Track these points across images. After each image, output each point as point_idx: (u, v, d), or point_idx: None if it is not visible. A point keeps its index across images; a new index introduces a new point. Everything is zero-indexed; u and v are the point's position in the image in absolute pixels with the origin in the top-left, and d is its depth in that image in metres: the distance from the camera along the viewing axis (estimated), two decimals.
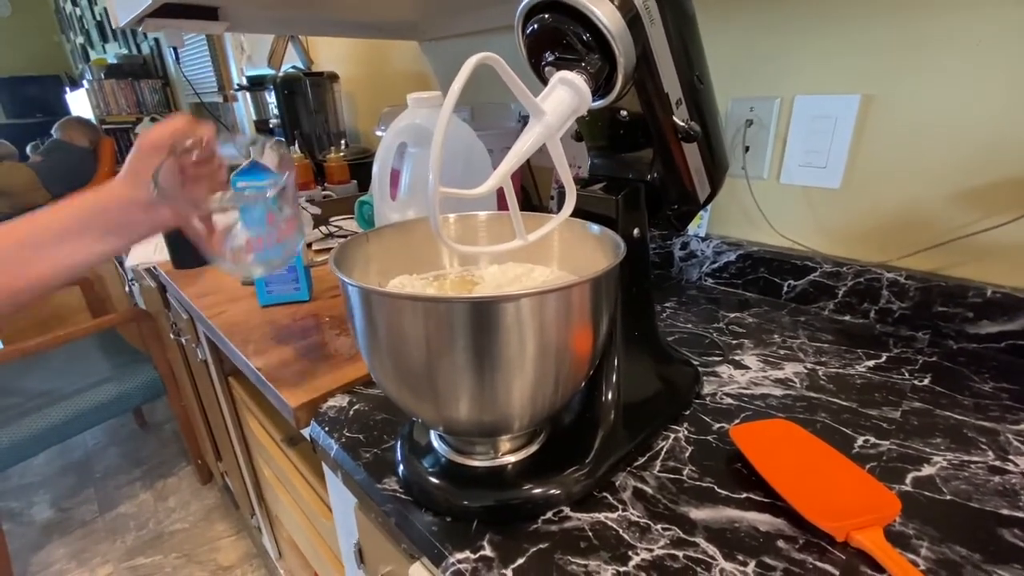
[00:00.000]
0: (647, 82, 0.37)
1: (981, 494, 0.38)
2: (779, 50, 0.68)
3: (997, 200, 0.56)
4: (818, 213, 0.70)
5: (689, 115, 0.41)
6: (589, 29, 0.33)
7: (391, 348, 0.33)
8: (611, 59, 0.34)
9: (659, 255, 0.85)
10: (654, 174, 0.44)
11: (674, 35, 0.37)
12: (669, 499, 0.39)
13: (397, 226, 0.44)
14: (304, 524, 0.82)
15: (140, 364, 1.47)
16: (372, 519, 0.47)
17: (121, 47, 3.56)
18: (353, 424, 0.49)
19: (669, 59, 0.37)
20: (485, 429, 0.37)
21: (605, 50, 0.34)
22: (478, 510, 0.37)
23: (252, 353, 0.61)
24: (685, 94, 0.40)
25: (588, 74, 0.34)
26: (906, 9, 0.57)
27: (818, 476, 0.39)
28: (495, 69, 0.29)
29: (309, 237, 1.02)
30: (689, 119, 0.41)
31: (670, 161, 0.43)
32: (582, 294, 0.33)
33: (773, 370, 0.56)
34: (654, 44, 0.36)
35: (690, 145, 0.43)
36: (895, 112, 0.61)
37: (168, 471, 1.72)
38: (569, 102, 0.33)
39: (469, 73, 0.28)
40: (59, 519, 1.55)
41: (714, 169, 0.46)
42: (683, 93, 0.40)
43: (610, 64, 0.35)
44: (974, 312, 0.58)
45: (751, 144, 0.73)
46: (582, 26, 0.34)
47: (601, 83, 0.36)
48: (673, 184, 0.45)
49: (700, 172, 0.45)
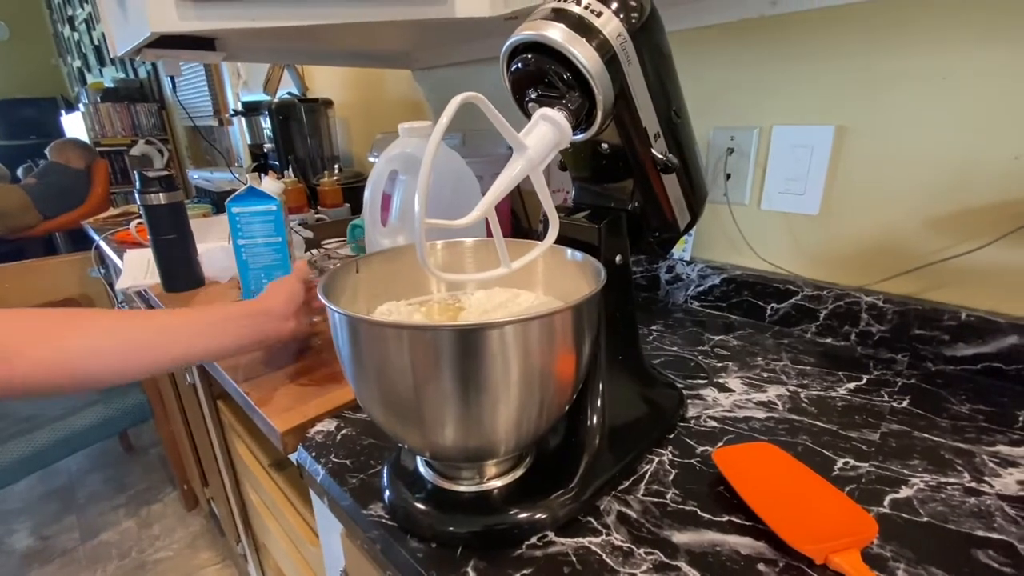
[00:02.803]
0: (625, 117, 0.39)
1: (957, 516, 0.39)
2: (758, 82, 0.71)
3: (967, 226, 0.59)
4: (798, 238, 0.72)
5: (667, 147, 0.42)
6: (569, 69, 0.35)
7: (377, 374, 0.34)
8: (590, 97, 0.36)
9: (646, 278, 0.86)
10: (635, 203, 0.46)
11: (651, 73, 0.38)
12: (652, 523, 0.39)
13: (386, 253, 0.45)
14: (290, 551, 0.81)
15: (127, 387, 1.45)
16: (358, 546, 0.47)
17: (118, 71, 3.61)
18: (340, 449, 0.49)
19: (647, 95, 0.39)
20: (471, 454, 0.38)
21: (585, 88, 0.36)
22: (464, 535, 0.38)
23: (241, 377, 0.62)
24: (663, 128, 0.41)
25: (569, 111, 0.36)
26: (875, 46, 0.60)
27: (798, 499, 0.39)
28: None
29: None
30: (667, 151, 0.42)
31: (650, 191, 0.45)
32: (564, 320, 0.34)
33: (756, 393, 0.57)
34: (631, 82, 0.37)
35: (669, 176, 0.44)
36: (868, 142, 0.63)
37: (153, 497, 1.69)
38: (551, 137, 0.35)
39: (453, 112, 0.29)
40: (40, 547, 1.51)
41: (693, 198, 0.48)
42: (661, 127, 0.41)
43: (590, 101, 0.36)
44: (950, 335, 0.59)
45: (732, 172, 0.75)
46: (563, 66, 0.35)
47: (582, 118, 0.37)
48: (654, 212, 0.47)
49: (680, 201, 0.47)
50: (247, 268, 0.73)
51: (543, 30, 0.35)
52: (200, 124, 2.69)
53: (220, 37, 0.84)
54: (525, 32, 0.35)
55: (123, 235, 1.33)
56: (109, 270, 1.60)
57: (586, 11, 0.34)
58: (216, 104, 2.52)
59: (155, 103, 3.38)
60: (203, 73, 2.51)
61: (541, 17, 0.35)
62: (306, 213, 1.39)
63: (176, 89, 2.69)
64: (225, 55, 0.88)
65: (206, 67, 2.47)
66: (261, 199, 0.71)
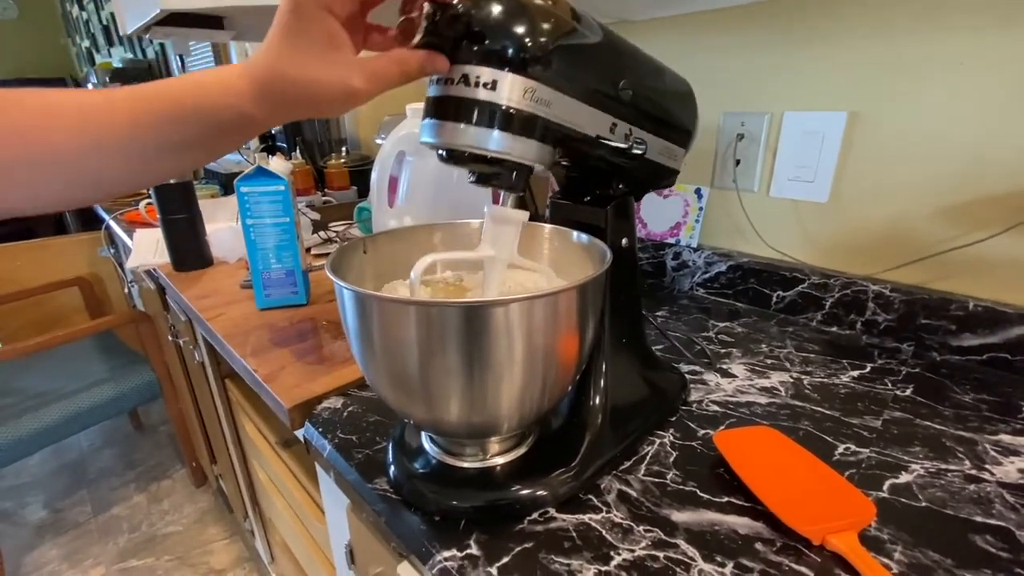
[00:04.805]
0: (567, 142, 0.35)
1: (956, 501, 0.39)
2: (770, 67, 0.70)
3: (978, 216, 0.58)
4: (807, 226, 0.72)
5: (628, 130, 0.39)
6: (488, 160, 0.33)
7: (384, 350, 0.34)
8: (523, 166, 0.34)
9: (652, 264, 0.86)
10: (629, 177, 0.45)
11: (580, 85, 0.34)
12: (652, 502, 0.40)
13: (392, 233, 0.45)
14: (297, 527, 0.82)
15: (137, 366, 1.47)
16: (363, 519, 0.48)
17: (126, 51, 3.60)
18: (346, 425, 0.50)
19: (582, 108, 0.34)
20: (475, 430, 0.38)
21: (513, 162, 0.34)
22: (466, 510, 0.38)
23: (249, 355, 0.63)
24: (615, 115, 0.37)
25: (510, 190, 0.36)
26: (890, 31, 0.59)
27: (797, 482, 0.40)
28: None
29: (308, 242, 1.03)
30: (629, 134, 0.39)
31: (635, 168, 0.43)
32: (569, 300, 0.34)
33: (759, 379, 0.57)
34: (558, 114, 0.33)
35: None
36: (880, 129, 0.63)
37: (162, 473, 1.72)
38: (509, 232, 0.36)
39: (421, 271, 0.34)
40: (52, 520, 1.55)
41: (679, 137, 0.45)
42: (612, 116, 0.37)
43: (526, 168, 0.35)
44: (956, 325, 0.59)
45: (742, 158, 0.75)
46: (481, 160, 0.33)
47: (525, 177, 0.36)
48: (650, 176, 0.46)
49: (668, 148, 0.45)
50: (256, 248, 0.74)
51: (442, 137, 0.32)
52: None
53: (229, 15, 0.84)
54: (427, 139, 0.33)
55: (133, 215, 1.34)
56: (119, 249, 1.62)
57: (481, 90, 0.30)
58: None
59: None
60: (211, 54, 2.50)
61: (433, 114, 0.33)
62: (313, 195, 1.40)
63: (185, 69, 2.68)
64: (234, 34, 0.88)
65: (214, 47, 2.46)
66: (270, 179, 0.72)
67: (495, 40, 0.30)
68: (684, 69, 0.47)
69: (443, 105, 0.32)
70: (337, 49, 0.30)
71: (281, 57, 0.29)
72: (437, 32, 0.30)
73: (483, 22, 0.30)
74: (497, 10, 0.30)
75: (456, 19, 0.30)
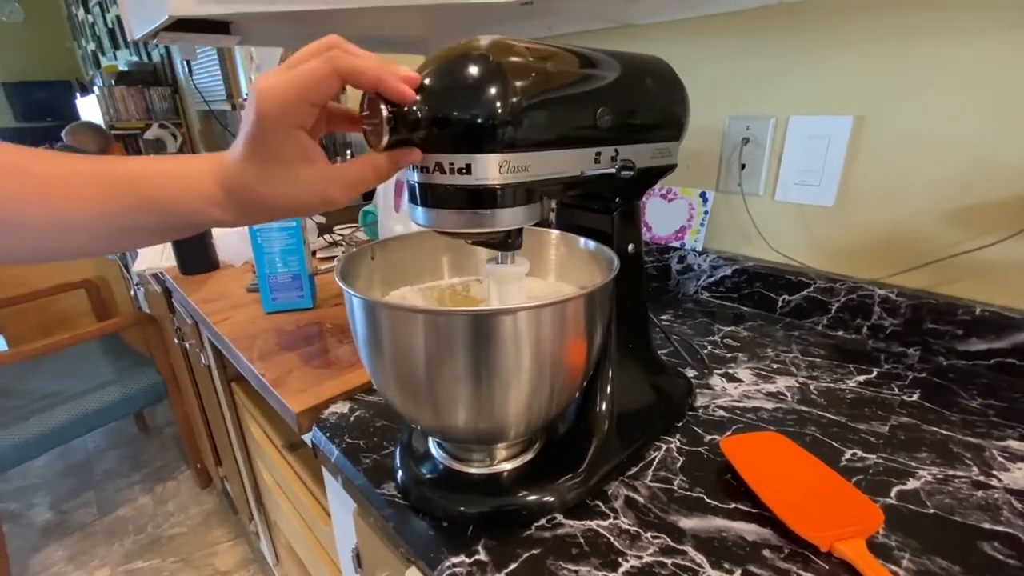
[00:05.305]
0: (551, 189, 0.35)
1: (964, 508, 0.39)
2: (775, 71, 0.70)
3: (985, 220, 0.58)
4: (812, 230, 0.72)
5: (614, 152, 0.38)
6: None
7: (393, 357, 0.35)
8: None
9: (657, 268, 0.86)
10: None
11: (551, 136, 0.33)
12: (660, 508, 0.40)
13: (401, 239, 0.46)
14: (302, 530, 0.83)
15: (143, 368, 1.48)
16: (370, 524, 0.48)
17: (132, 54, 3.61)
18: (354, 430, 0.50)
19: (561, 155, 0.34)
20: (482, 436, 0.39)
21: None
22: (474, 516, 0.39)
23: (256, 359, 0.63)
24: (597, 145, 0.37)
25: (507, 250, 0.37)
26: (896, 34, 0.59)
27: (804, 488, 0.40)
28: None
29: (314, 245, 1.04)
30: (615, 156, 0.38)
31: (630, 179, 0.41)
32: (576, 308, 0.34)
33: (765, 383, 0.57)
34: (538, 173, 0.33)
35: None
36: (886, 133, 0.63)
37: (168, 475, 1.72)
38: (515, 287, 0.37)
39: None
40: (58, 521, 1.55)
41: (669, 134, 0.44)
42: (594, 147, 0.37)
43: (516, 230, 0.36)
44: (963, 330, 0.59)
45: (747, 162, 0.75)
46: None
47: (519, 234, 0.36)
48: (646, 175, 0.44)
49: (660, 149, 0.44)
50: (262, 252, 0.74)
51: (435, 223, 0.33)
52: (214, 108, 2.70)
53: (235, 21, 0.84)
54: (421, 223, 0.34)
55: None
56: (125, 252, 1.62)
57: (457, 176, 0.31)
58: (229, 88, 2.52)
59: (168, 87, 3.39)
60: (216, 57, 2.51)
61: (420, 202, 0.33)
62: None
63: (192, 73, 2.70)
64: (240, 39, 0.89)
65: (219, 51, 2.47)
66: None
67: (458, 126, 0.30)
68: (688, 73, 0.47)
69: (426, 193, 0.33)
70: (310, 163, 0.29)
71: (251, 175, 0.29)
72: (402, 130, 0.31)
73: (443, 113, 0.30)
74: (452, 99, 0.30)
75: (416, 122, 0.30)
